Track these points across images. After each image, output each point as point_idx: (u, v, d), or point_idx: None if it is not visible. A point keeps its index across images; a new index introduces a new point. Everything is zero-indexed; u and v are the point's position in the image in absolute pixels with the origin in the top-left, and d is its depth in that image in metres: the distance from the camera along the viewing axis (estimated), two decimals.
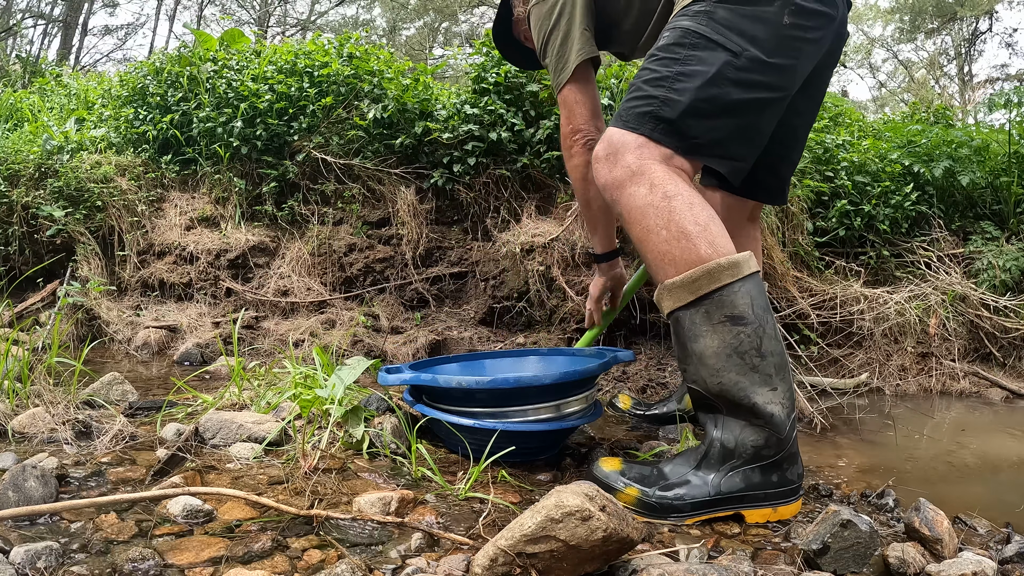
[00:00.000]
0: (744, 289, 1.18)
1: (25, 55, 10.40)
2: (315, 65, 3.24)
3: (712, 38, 1.24)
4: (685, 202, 1.20)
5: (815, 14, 1.30)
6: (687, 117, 1.24)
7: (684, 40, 1.27)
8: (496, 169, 2.98)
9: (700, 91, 1.23)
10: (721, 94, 1.24)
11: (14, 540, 0.94)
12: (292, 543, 1.01)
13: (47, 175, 3.25)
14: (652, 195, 1.21)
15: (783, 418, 1.18)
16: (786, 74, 1.29)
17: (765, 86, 1.27)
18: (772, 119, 1.35)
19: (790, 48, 1.28)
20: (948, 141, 3.13)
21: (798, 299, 2.65)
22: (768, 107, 1.31)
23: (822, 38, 1.34)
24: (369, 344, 2.69)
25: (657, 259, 1.22)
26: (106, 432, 1.42)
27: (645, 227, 1.22)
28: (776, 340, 1.20)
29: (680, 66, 1.25)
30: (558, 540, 0.87)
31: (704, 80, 1.23)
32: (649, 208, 1.21)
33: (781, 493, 1.20)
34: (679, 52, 1.26)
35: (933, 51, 22.43)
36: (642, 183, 1.22)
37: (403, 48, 20.08)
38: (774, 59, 1.26)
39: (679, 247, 1.19)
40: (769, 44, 1.25)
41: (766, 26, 1.25)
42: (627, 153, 1.24)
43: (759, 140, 1.35)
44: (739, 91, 1.24)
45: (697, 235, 1.19)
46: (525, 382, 1.39)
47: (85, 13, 17.68)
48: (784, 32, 1.26)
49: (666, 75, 1.25)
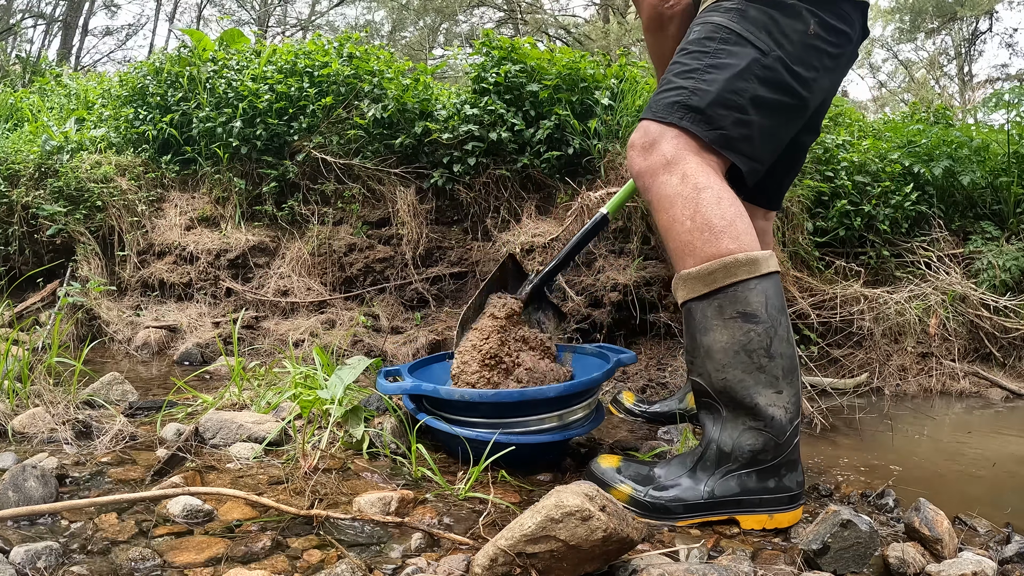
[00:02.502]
0: (760, 287, 1.18)
1: (25, 55, 10.40)
2: (315, 65, 3.24)
3: (743, 35, 1.27)
4: (714, 195, 1.21)
5: (837, 31, 1.33)
6: (716, 107, 1.25)
7: (715, 34, 1.29)
8: (496, 169, 2.98)
9: (729, 83, 1.25)
10: (749, 88, 1.25)
11: (14, 540, 0.94)
12: (292, 543, 1.01)
13: (47, 175, 3.25)
14: (683, 185, 1.22)
15: (784, 422, 1.17)
16: (807, 84, 1.32)
17: (788, 89, 1.29)
18: (791, 128, 1.37)
19: (813, 58, 1.31)
20: (948, 141, 3.13)
21: (798, 299, 2.65)
22: (789, 113, 1.33)
23: (841, 56, 1.37)
24: (369, 344, 2.69)
25: (679, 248, 1.23)
26: (106, 432, 1.42)
27: (671, 216, 1.23)
28: (788, 343, 1.19)
29: (710, 59, 1.27)
30: (558, 540, 0.87)
31: (733, 73, 1.25)
32: (678, 198, 1.22)
33: (778, 500, 1.18)
34: (709, 46, 1.29)
35: (933, 51, 22.44)
36: (675, 172, 1.24)
37: (403, 48, 20.07)
38: (797, 66, 1.29)
39: (701, 238, 1.20)
40: (795, 50, 1.28)
41: (794, 32, 1.28)
42: (663, 143, 1.26)
43: (778, 146, 1.37)
44: (765, 89, 1.27)
45: (722, 229, 1.19)
46: (529, 395, 1.38)
47: (85, 13, 17.69)
48: (808, 41, 1.29)
49: (696, 67, 1.28)
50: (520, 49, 2.98)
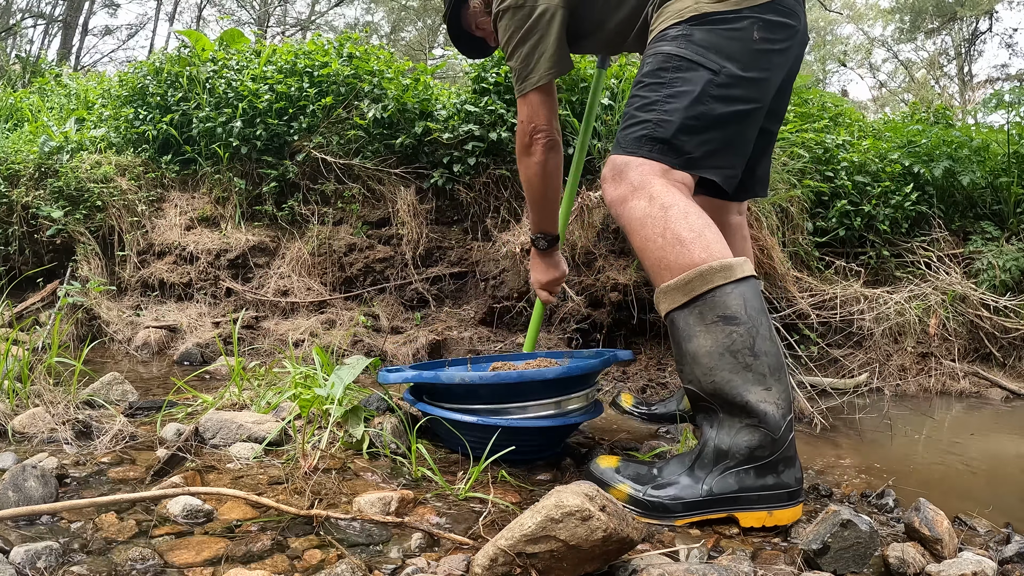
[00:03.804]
0: (738, 291, 1.22)
1: (25, 55, 10.40)
2: (315, 65, 3.24)
3: (693, 59, 1.34)
4: (681, 211, 1.28)
5: (781, 27, 1.39)
6: (680, 134, 1.33)
7: (667, 64, 1.36)
8: (496, 169, 2.98)
9: (688, 109, 1.32)
10: (707, 110, 1.33)
11: (14, 540, 0.94)
12: (292, 543, 1.01)
13: (47, 175, 3.25)
14: (651, 207, 1.29)
15: (777, 418, 1.18)
16: (761, 86, 1.39)
17: (744, 99, 1.36)
18: (754, 127, 1.44)
19: (762, 61, 1.38)
20: (948, 141, 3.13)
21: (798, 299, 2.65)
22: (749, 117, 1.40)
23: (789, 48, 1.44)
24: (369, 344, 2.69)
25: (655, 265, 1.29)
26: (106, 432, 1.42)
27: (644, 236, 1.29)
28: (771, 341, 1.22)
29: (667, 89, 1.35)
30: (558, 540, 0.87)
31: (691, 99, 1.33)
32: (648, 219, 1.29)
33: (776, 496, 1.19)
34: (664, 76, 1.36)
35: (933, 51, 22.44)
36: (642, 196, 1.31)
37: (403, 48, 20.05)
38: (750, 73, 1.36)
39: (674, 252, 1.25)
40: (743, 59, 1.35)
41: (739, 44, 1.35)
42: (630, 171, 1.34)
43: (746, 148, 1.44)
44: (722, 105, 1.34)
45: (692, 241, 1.25)
46: (527, 377, 1.41)
47: (85, 13, 17.69)
48: (755, 47, 1.36)
49: (655, 99, 1.35)
50: None
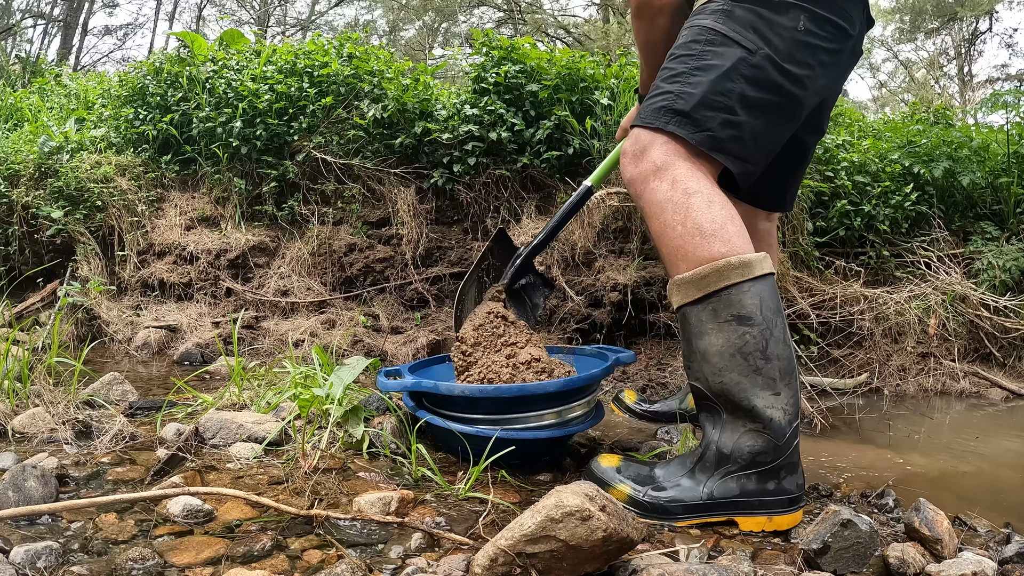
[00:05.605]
0: (754, 290, 1.17)
1: (25, 55, 10.39)
2: (315, 65, 3.23)
3: (728, 35, 1.26)
4: (704, 199, 1.21)
5: (832, 24, 1.30)
6: (701, 108, 1.24)
7: (700, 37, 1.28)
8: (496, 169, 2.98)
9: (715, 84, 1.24)
10: (736, 88, 1.24)
11: (14, 540, 0.94)
12: (292, 543, 1.01)
13: (47, 175, 3.25)
14: (673, 191, 1.22)
15: (783, 424, 1.16)
16: (801, 81, 1.29)
17: (778, 89, 1.27)
18: (784, 127, 1.34)
19: (806, 54, 1.28)
20: (948, 141, 3.13)
21: (798, 299, 2.65)
22: (781, 112, 1.31)
23: (839, 52, 1.34)
24: (369, 344, 2.69)
25: (671, 254, 1.23)
26: (106, 432, 1.42)
27: (663, 222, 1.23)
28: (785, 345, 1.18)
29: (696, 61, 1.27)
30: (558, 540, 0.87)
31: (719, 74, 1.24)
32: (668, 203, 1.22)
33: (777, 502, 1.17)
34: (695, 48, 1.28)
35: (933, 51, 22.43)
36: (665, 178, 1.23)
37: (403, 48, 20.06)
38: (788, 64, 1.27)
39: (693, 243, 1.19)
40: (784, 46, 1.26)
41: (782, 29, 1.26)
42: (653, 149, 1.26)
43: (771, 147, 1.35)
44: (752, 89, 1.25)
45: (712, 232, 1.19)
46: (528, 390, 1.38)
47: (85, 13, 17.68)
48: (799, 37, 1.27)
49: (682, 71, 1.27)
50: (520, 49, 2.98)
